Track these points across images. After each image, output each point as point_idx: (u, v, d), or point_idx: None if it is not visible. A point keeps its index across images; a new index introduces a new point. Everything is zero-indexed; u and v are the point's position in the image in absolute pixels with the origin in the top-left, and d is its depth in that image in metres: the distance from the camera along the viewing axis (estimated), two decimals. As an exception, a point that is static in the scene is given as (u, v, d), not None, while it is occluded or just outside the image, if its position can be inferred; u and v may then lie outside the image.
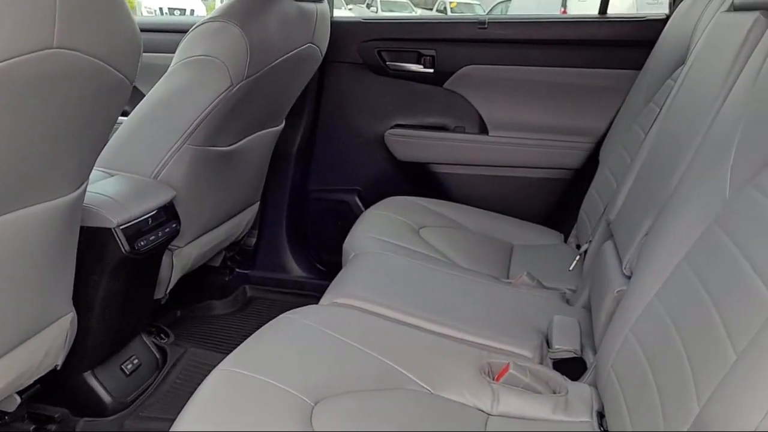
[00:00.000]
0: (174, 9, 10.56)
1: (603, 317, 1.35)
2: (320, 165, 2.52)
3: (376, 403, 1.11)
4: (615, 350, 1.14)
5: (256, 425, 0.98)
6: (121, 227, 1.52)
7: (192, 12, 10.19)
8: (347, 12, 9.48)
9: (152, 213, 1.62)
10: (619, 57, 2.22)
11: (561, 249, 2.02)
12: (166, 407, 1.68)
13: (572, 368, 1.37)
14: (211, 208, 1.96)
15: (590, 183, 2.06)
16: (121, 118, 1.73)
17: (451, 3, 12.64)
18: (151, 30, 2.49)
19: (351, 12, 10.14)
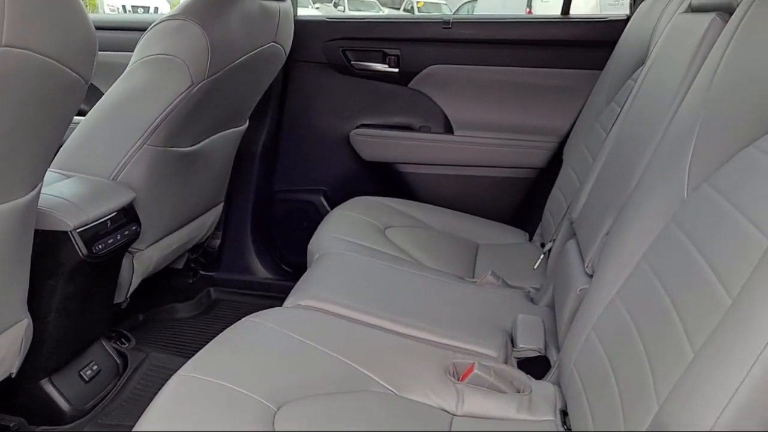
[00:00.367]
0: (138, 7, 10.38)
1: (566, 316, 1.36)
2: (285, 165, 2.49)
3: (340, 406, 1.10)
4: (577, 349, 1.15)
5: (216, 432, 0.96)
6: (78, 230, 1.49)
7: (156, 10, 10.04)
8: (314, 11, 9.43)
9: (111, 215, 1.59)
10: (582, 57, 2.24)
11: (526, 248, 2.04)
12: (127, 414, 1.65)
13: (537, 367, 1.38)
14: (173, 210, 1.92)
15: (554, 182, 2.08)
16: (79, 118, 1.69)
17: (418, 2, 12.68)
18: (112, 28, 2.45)
19: (318, 11, 10.09)
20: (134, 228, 1.67)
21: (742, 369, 0.69)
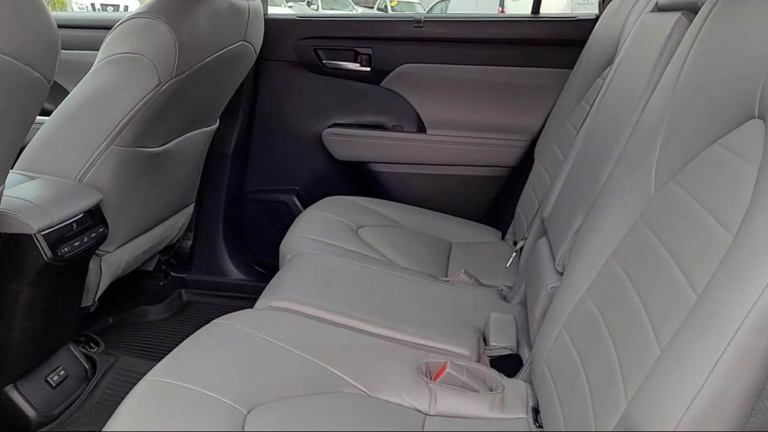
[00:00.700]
0: (107, 5, 10.21)
1: (538, 313, 1.36)
2: (257, 165, 2.47)
3: (312, 408, 1.09)
4: (548, 346, 1.16)
5: (185, 437, 0.94)
6: (43, 233, 1.45)
7: (126, 8, 9.88)
8: (287, 9, 9.36)
9: (77, 217, 1.56)
10: (553, 56, 2.26)
11: (498, 246, 2.05)
12: (95, 420, 1.62)
13: (509, 365, 1.38)
14: (142, 211, 1.89)
15: (526, 180, 2.09)
16: (43, 118, 1.65)
17: (392, 1, 12.67)
18: (78, 26, 2.41)
19: (291, 9, 10.02)
20: (101, 230, 1.64)
21: (707, 365, 0.69)
